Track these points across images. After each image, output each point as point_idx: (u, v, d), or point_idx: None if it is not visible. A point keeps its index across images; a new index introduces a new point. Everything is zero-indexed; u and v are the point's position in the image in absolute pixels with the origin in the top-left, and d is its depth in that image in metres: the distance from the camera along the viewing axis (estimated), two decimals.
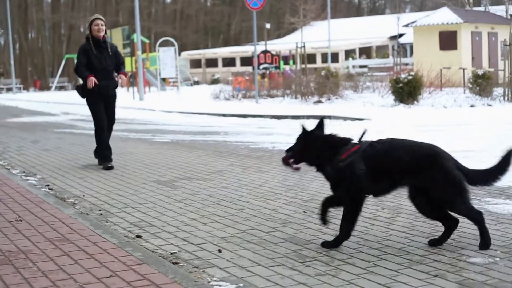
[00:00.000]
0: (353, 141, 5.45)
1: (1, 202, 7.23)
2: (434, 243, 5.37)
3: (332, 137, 5.55)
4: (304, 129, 5.66)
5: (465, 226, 5.86)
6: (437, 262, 4.95)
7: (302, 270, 4.87)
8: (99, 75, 9.98)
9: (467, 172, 5.31)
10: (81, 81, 10.28)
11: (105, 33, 10.23)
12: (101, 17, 10.32)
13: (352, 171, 5.25)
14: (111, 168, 10.00)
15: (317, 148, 5.51)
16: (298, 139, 5.69)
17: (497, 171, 5.32)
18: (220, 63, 58.85)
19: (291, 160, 5.65)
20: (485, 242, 5.21)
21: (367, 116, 17.58)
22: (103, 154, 10.23)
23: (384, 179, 5.34)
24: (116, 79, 10.43)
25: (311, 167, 5.64)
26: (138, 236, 5.91)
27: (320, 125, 5.70)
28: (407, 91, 21.10)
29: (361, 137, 5.48)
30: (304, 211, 6.76)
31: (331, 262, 5.02)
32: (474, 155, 10.22)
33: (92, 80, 9.84)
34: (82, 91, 10.12)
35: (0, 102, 37.21)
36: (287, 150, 5.73)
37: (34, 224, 6.18)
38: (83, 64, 10.02)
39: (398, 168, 5.26)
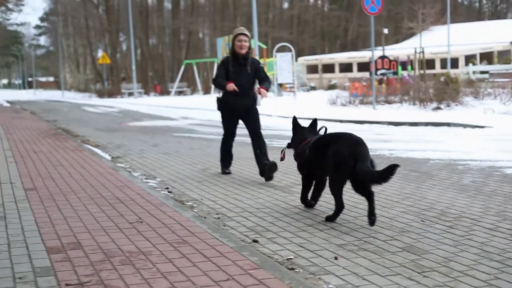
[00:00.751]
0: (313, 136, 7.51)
1: (123, 203, 7.44)
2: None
3: (303, 131, 7.70)
4: (294, 120, 7.92)
5: None
6: None
7: (419, 281, 4.78)
8: (235, 93, 9.71)
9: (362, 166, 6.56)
10: (221, 93, 10.23)
11: (249, 48, 9.83)
12: (246, 32, 9.83)
13: (302, 155, 7.36)
14: (227, 173, 10.17)
15: (294, 137, 7.74)
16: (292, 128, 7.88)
17: (380, 176, 6.45)
18: (337, 68, 58.61)
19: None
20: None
21: (488, 124, 17.10)
22: (225, 159, 10.32)
23: (317, 164, 7.09)
24: (255, 93, 10.08)
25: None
26: (255, 241, 5.95)
27: (313, 124, 7.83)
28: None
29: (318, 131, 7.67)
30: (422, 220, 6.64)
31: (450, 273, 4.91)
32: None
33: (233, 86, 9.61)
34: (220, 103, 10.12)
35: (122, 106, 38.35)
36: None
37: (154, 226, 6.32)
38: (221, 76, 9.83)
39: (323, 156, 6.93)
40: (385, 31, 46.52)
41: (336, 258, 5.35)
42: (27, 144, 14.32)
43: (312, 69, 60.51)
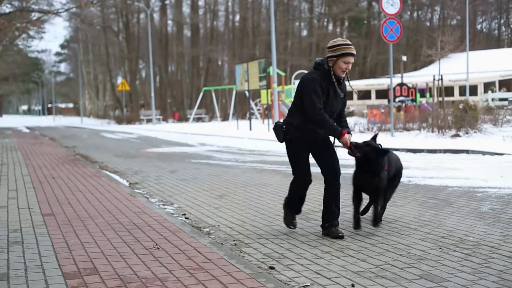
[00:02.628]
0: None
1: (140, 229, 7.44)
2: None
3: None
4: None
5: None
6: None
7: None
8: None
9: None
10: (275, 118, 8.40)
11: None
12: (354, 51, 7.45)
13: None
14: (294, 224, 7.69)
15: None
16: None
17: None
18: (355, 95, 58.64)
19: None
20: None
21: (507, 151, 16.99)
22: (294, 204, 7.74)
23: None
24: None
25: None
26: (271, 268, 5.93)
27: (374, 137, 8.03)
28: None
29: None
30: (440, 248, 6.59)
31: None
32: None
33: (347, 140, 7.38)
34: (284, 133, 7.52)
35: (140, 133, 38.52)
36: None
37: (170, 252, 6.32)
38: (320, 106, 7.21)
39: None
40: (404, 58, 46.54)
41: (353, 286, 5.32)
42: (45, 170, 14.39)
43: None
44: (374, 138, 7.94)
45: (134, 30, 76.59)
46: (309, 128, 7.31)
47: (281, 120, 7.61)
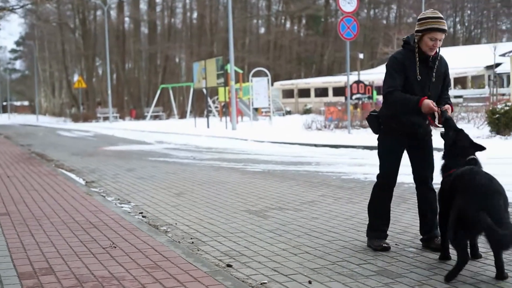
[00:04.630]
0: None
1: (96, 228, 7.39)
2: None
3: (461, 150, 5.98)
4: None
5: None
6: None
7: None
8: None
9: None
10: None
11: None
12: (445, 26, 6.15)
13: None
14: (387, 249, 6.41)
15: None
16: None
17: None
18: (312, 93, 58.85)
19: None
20: None
21: None
22: (377, 224, 6.59)
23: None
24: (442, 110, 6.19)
25: None
26: (229, 265, 5.93)
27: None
28: (504, 122, 20.59)
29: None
30: (396, 244, 6.65)
31: None
32: None
33: (430, 104, 6.09)
34: (378, 125, 6.58)
35: (97, 131, 38.23)
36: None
37: (127, 251, 6.28)
38: (400, 86, 6.25)
39: None
40: (361, 56, 46.89)
41: (310, 282, 5.34)
42: (0, 169, 14.21)
43: (288, 93, 60.70)
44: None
45: (91, 27, 75.98)
46: (402, 118, 6.34)
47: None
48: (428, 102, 6.06)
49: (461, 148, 5.90)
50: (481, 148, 5.87)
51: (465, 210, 5.15)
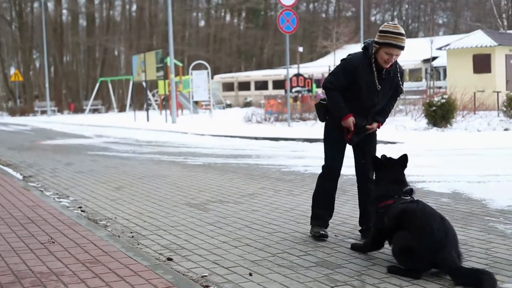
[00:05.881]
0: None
1: (34, 223, 7.28)
2: None
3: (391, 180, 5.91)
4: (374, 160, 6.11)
5: (500, 251, 5.81)
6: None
7: None
8: (360, 111, 6.48)
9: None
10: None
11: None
12: (404, 43, 6.15)
13: (380, 218, 5.80)
14: (324, 236, 6.59)
15: (376, 182, 6.10)
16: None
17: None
18: (252, 86, 58.99)
19: None
20: None
21: (399, 140, 17.48)
22: (321, 213, 6.72)
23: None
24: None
25: None
26: (169, 259, 5.92)
27: (403, 161, 6.02)
28: (440, 114, 20.97)
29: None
30: (335, 235, 6.72)
31: (362, 287, 4.98)
32: (510, 179, 10.11)
33: (351, 125, 6.42)
34: (325, 114, 6.67)
35: (35, 125, 37.65)
36: None
37: (66, 246, 6.21)
38: (340, 87, 6.40)
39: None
40: (300, 49, 47.13)
41: (250, 275, 5.36)
42: None
43: (228, 86, 60.75)
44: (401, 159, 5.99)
45: (28, 19, 74.66)
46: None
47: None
48: (350, 122, 6.39)
49: (393, 178, 5.85)
50: (405, 164, 5.96)
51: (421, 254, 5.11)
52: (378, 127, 6.63)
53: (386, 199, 5.66)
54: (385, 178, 5.85)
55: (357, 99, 6.37)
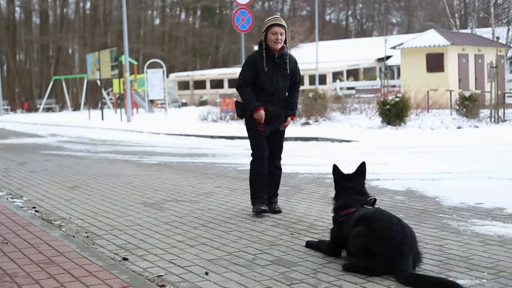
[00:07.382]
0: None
1: None
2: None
3: (348, 188, 6.10)
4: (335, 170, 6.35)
5: (453, 248, 5.90)
6: None
7: None
8: (267, 98, 7.67)
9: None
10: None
11: (285, 43, 7.72)
12: (282, 22, 7.68)
13: (339, 227, 5.84)
14: (265, 211, 7.69)
15: (336, 193, 6.22)
16: None
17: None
18: (208, 85, 58.92)
19: None
20: None
21: (354, 138, 17.62)
22: (258, 192, 7.88)
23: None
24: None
25: None
26: (125, 259, 5.88)
27: (360, 170, 6.27)
28: (394, 113, 21.19)
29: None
30: (291, 233, 6.75)
31: (318, 284, 5.01)
32: (463, 177, 10.25)
33: (262, 117, 7.61)
34: (242, 110, 7.88)
35: None
36: None
37: (20, 246, 6.14)
38: (250, 82, 7.68)
39: None
40: (256, 48, 47.09)
41: (207, 274, 5.36)
42: None
43: (184, 85, 60.56)
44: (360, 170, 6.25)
45: None
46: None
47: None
48: (261, 115, 7.61)
49: (357, 190, 5.97)
50: (363, 176, 6.16)
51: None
52: (292, 119, 7.98)
53: (349, 207, 5.71)
54: (348, 189, 5.98)
55: (262, 87, 7.65)
